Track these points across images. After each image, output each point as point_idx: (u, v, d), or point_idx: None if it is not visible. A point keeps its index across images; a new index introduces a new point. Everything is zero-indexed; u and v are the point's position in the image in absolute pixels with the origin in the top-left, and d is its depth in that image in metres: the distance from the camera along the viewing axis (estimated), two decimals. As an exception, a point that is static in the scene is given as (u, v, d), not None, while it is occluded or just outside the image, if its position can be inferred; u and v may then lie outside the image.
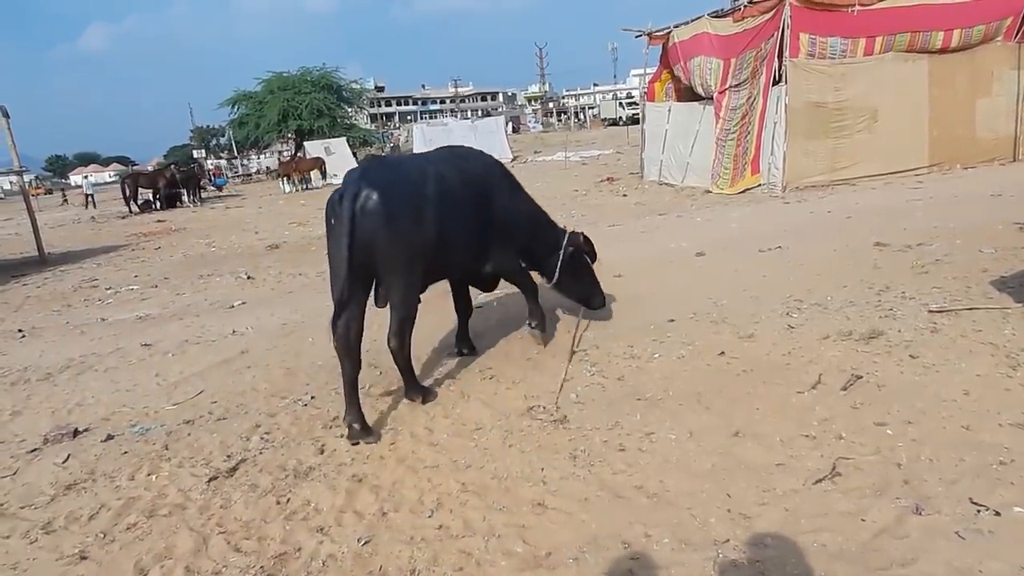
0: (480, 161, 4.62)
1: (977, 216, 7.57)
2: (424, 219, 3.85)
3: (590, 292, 5.11)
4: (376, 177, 3.80)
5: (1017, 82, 12.26)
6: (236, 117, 41.08)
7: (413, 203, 3.83)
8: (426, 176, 3.97)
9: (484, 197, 4.38)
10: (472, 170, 4.41)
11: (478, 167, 4.52)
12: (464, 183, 4.22)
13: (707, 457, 3.23)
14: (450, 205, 4.00)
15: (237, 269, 10.08)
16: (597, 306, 5.14)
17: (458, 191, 4.12)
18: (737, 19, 12.45)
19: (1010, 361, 3.80)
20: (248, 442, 3.91)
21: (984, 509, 2.61)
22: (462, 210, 4.14)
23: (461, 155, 4.56)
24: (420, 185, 3.92)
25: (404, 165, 4.16)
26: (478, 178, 4.41)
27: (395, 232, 3.72)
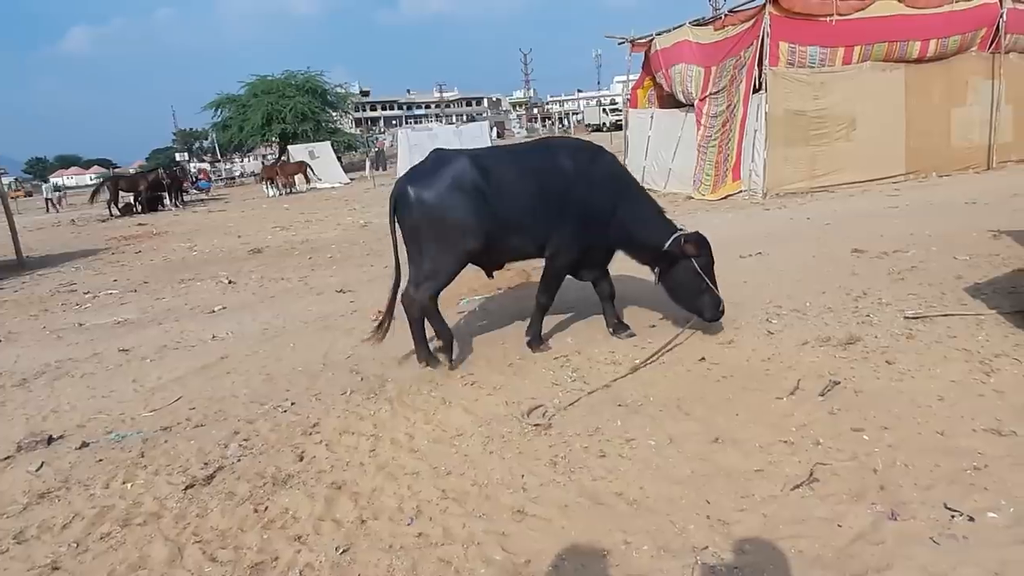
0: (568, 154, 4.77)
1: (952, 223, 7.70)
2: (455, 206, 4.42)
3: (697, 301, 4.74)
4: (417, 171, 4.65)
5: (991, 91, 12.50)
6: (219, 120, 40.85)
7: (444, 192, 4.43)
8: (466, 170, 4.48)
9: (554, 188, 4.59)
10: (547, 163, 4.70)
11: (560, 160, 4.69)
12: (526, 174, 4.62)
13: (687, 463, 3.24)
14: (496, 194, 4.49)
15: (218, 273, 9.98)
16: (708, 318, 4.75)
17: (512, 182, 4.56)
18: (718, 27, 12.58)
19: (984, 367, 3.86)
20: (226, 449, 3.86)
21: (958, 515, 2.64)
22: (513, 199, 4.54)
23: (549, 147, 5.01)
24: (456, 177, 4.46)
25: (449, 160, 4.60)
26: (552, 170, 4.64)
27: (419, 217, 4.49)
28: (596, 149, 4.96)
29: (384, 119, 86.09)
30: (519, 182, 4.58)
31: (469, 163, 4.53)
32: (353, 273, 9.10)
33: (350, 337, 5.91)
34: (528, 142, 5.22)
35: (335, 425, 4.05)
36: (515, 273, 7.47)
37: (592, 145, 5.08)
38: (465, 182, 4.46)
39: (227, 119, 39.95)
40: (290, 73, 39.14)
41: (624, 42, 15.52)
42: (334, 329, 6.22)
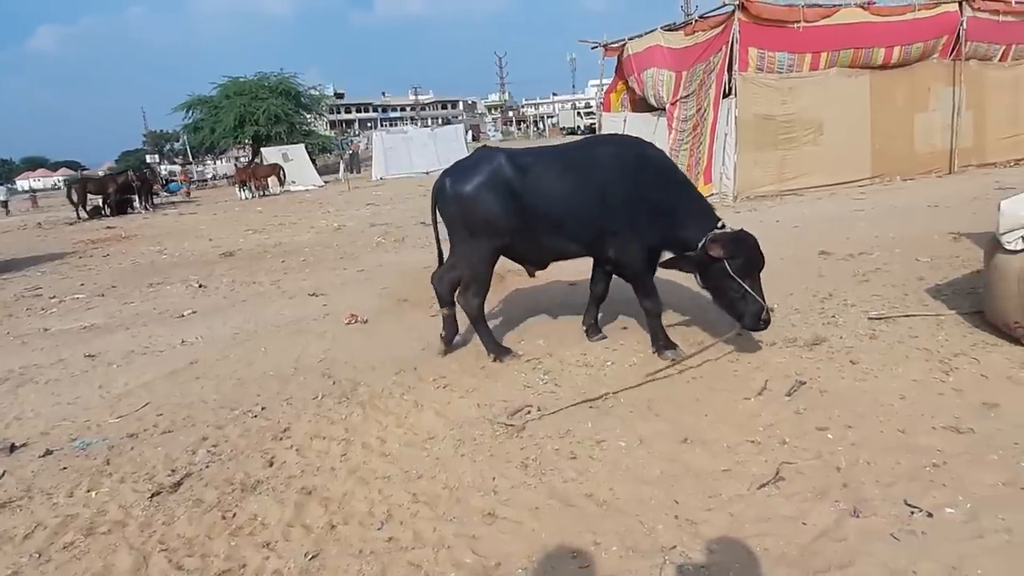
0: (607, 151, 4.70)
1: (915, 226, 7.89)
2: (484, 202, 4.50)
3: (734, 308, 4.29)
4: (457, 165, 4.81)
5: (952, 98, 12.81)
6: (191, 122, 40.24)
7: (472, 189, 4.52)
8: (501, 166, 4.53)
9: (596, 185, 4.48)
10: (586, 160, 4.61)
11: (602, 157, 4.61)
12: (563, 172, 4.55)
13: (656, 464, 3.28)
14: (531, 192, 4.49)
15: (189, 277, 9.84)
16: (748, 325, 4.25)
17: (549, 180, 4.52)
18: (688, 33, 12.73)
19: (943, 366, 3.97)
20: (194, 456, 3.81)
21: (918, 511, 2.71)
22: (548, 197, 4.50)
23: (590, 143, 4.99)
24: (490, 174, 4.52)
25: (487, 157, 4.68)
26: (593, 167, 4.55)
27: (454, 210, 4.62)
28: (637, 144, 4.84)
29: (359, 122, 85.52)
30: (556, 180, 4.53)
31: (505, 160, 4.57)
32: (326, 277, 9.03)
33: (322, 341, 5.87)
34: (575, 140, 5.16)
35: (306, 430, 4.02)
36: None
37: (634, 140, 4.98)
38: (498, 179, 4.51)
39: (198, 121, 39.38)
40: (263, 74, 38.73)
41: (597, 46, 15.65)
42: (306, 333, 6.17)
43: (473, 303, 4.83)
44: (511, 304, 6.40)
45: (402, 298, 7.15)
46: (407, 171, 28.87)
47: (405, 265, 9.14)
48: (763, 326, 4.23)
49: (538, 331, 5.46)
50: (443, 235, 4.92)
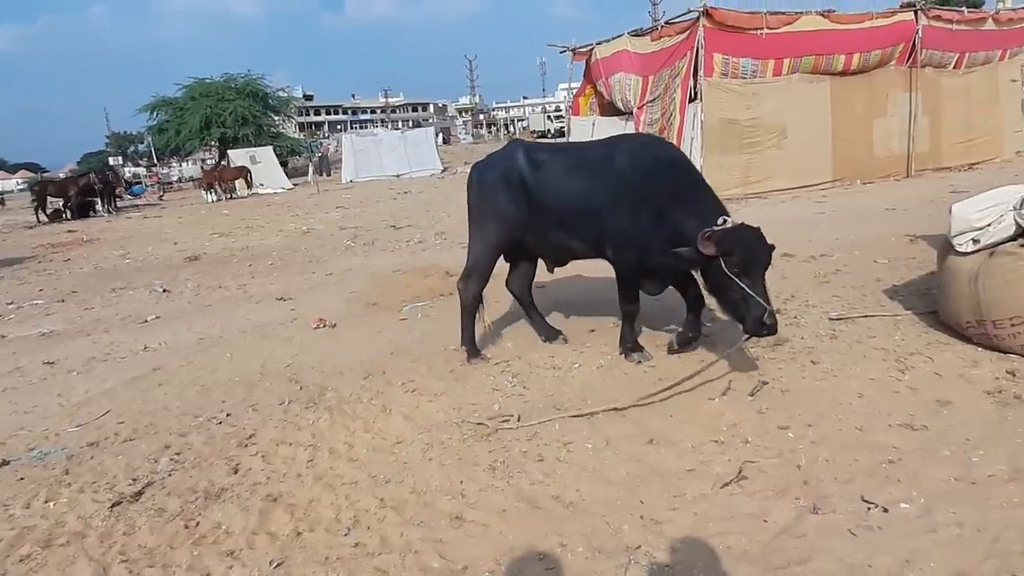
0: (621, 148, 4.54)
1: (874, 229, 8.10)
2: (498, 194, 4.65)
3: (734, 310, 3.94)
4: (488, 157, 4.99)
5: (909, 104, 13.18)
6: (156, 124, 39.44)
7: (491, 181, 4.72)
8: (517, 161, 4.62)
9: (598, 184, 4.41)
10: (594, 158, 4.55)
11: (608, 157, 4.48)
12: (573, 170, 4.53)
13: (622, 465, 3.31)
14: (545, 187, 4.52)
15: (152, 282, 9.66)
16: (749, 330, 3.89)
17: (558, 177, 4.53)
18: (655, 38, 12.91)
19: (899, 365, 4.08)
20: (156, 464, 3.75)
21: (874, 506, 2.78)
22: (565, 193, 4.50)
23: (607, 142, 4.81)
24: (505, 169, 4.66)
25: (509, 151, 4.81)
26: (597, 165, 4.47)
27: (474, 200, 4.87)
28: (649, 144, 4.78)
29: (328, 124, 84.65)
30: (565, 177, 4.52)
31: (523, 155, 4.64)
32: (294, 280, 8.94)
33: (290, 346, 5.82)
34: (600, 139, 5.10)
35: (272, 436, 3.98)
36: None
37: (648, 140, 4.96)
38: (512, 174, 4.61)
39: (163, 122, 38.61)
40: (229, 76, 38.12)
41: (565, 51, 15.76)
42: (273, 338, 6.11)
43: (470, 292, 4.90)
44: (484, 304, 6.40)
45: (371, 302, 7.12)
46: (377, 174, 28.67)
47: (375, 269, 9.10)
48: (766, 331, 3.82)
49: (507, 334, 5.48)
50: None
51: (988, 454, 3.06)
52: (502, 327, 5.67)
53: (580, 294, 6.30)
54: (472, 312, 4.96)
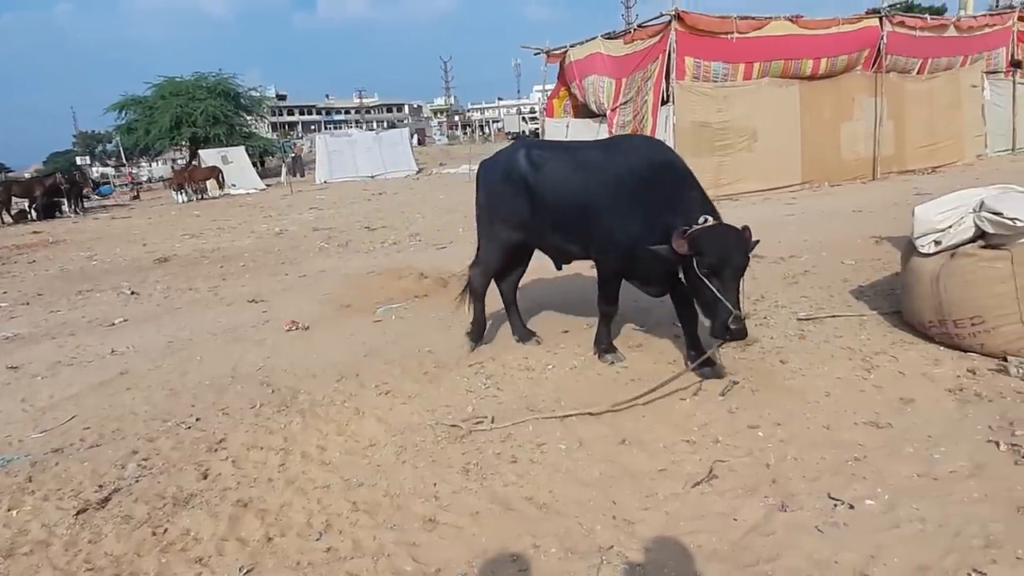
0: (612, 149, 4.59)
1: (841, 230, 8.26)
2: (505, 192, 4.72)
3: (708, 311, 3.82)
4: (490, 157, 5.08)
5: (874, 108, 13.47)
6: (124, 123, 38.68)
7: (499, 179, 4.80)
8: (518, 160, 4.67)
9: (599, 185, 4.36)
10: (586, 159, 4.54)
11: (612, 157, 4.44)
12: (567, 170, 4.52)
13: (595, 465, 3.33)
14: (542, 187, 4.55)
15: (120, 284, 9.47)
16: (713, 334, 3.78)
17: (561, 177, 4.52)
18: (628, 41, 13.04)
19: (865, 364, 4.17)
20: (123, 470, 3.68)
21: (840, 503, 2.84)
22: (562, 193, 4.49)
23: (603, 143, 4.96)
24: (507, 167, 4.73)
25: (513, 149, 4.90)
26: (588, 167, 4.45)
27: (480, 198, 5.02)
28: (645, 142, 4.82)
29: (302, 124, 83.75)
30: (561, 177, 4.52)
31: (524, 154, 4.68)
32: (266, 282, 8.84)
33: (261, 348, 5.75)
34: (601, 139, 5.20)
35: (243, 440, 3.93)
36: (432, 281, 7.48)
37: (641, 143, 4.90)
38: (514, 173, 4.66)
39: (132, 121, 37.87)
40: (200, 75, 37.53)
41: (539, 53, 15.82)
42: (244, 341, 6.03)
43: (476, 281, 5.09)
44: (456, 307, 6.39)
45: (345, 304, 7.07)
46: (352, 175, 28.46)
47: (349, 270, 9.04)
48: (729, 336, 3.68)
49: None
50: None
51: (949, 451, 3.14)
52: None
53: (554, 295, 6.33)
54: (478, 298, 5.12)
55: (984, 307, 3.96)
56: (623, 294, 4.66)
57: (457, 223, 12.80)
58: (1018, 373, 3.77)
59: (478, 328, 5.20)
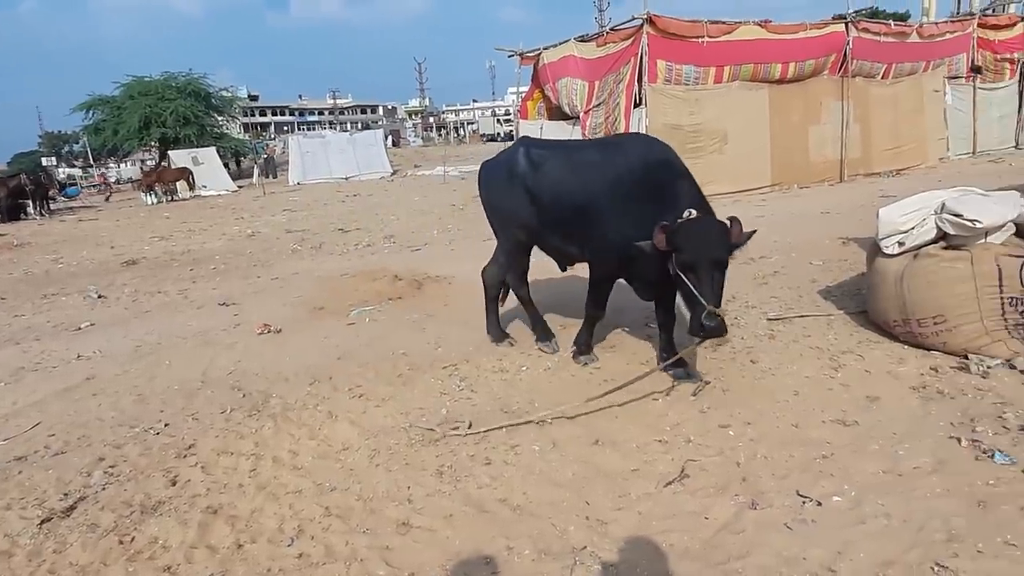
0: (608, 149, 4.57)
1: (809, 231, 8.41)
2: (504, 193, 4.75)
3: (686, 307, 3.69)
4: (492, 157, 5.11)
5: (841, 111, 13.73)
6: (92, 123, 37.84)
7: (498, 180, 4.85)
8: (518, 160, 4.66)
9: (582, 185, 4.32)
10: (582, 159, 4.49)
11: (611, 156, 4.35)
12: (576, 169, 4.42)
13: (569, 466, 3.35)
14: (541, 187, 4.52)
15: (87, 287, 9.26)
16: (690, 331, 3.66)
17: (558, 177, 4.47)
18: (600, 44, 13.13)
19: (832, 363, 4.25)
20: (89, 478, 3.60)
21: (808, 500, 2.90)
22: (556, 193, 4.46)
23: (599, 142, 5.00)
24: (509, 167, 4.72)
25: (514, 148, 4.89)
26: (583, 167, 4.39)
27: (482, 198, 5.11)
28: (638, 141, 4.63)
29: (275, 125, 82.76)
30: (556, 177, 4.48)
31: (523, 153, 4.68)
32: (238, 285, 8.72)
33: (232, 352, 5.67)
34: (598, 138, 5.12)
35: (213, 445, 3.87)
36: (407, 283, 7.45)
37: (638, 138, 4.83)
38: (514, 174, 4.66)
39: (100, 122, 37.03)
40: (170, 74, 36.84)
41: (513, 55, 15.85)
42: (215, 344, 5.94)
43: (488, 276, 5.15)
44: (431, 309, 6.38)
45: (318, 306, 7.00)
46: (325, 176, 28.18)
47: (322, 272, 8.96)
48: (704, 334, 3.53)
49: (456, 337, 5.47)
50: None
51: (913, 447, 3.22)
52: (450, 332, 5.66)
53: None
54: (492, 296, 5.18)
55: (946, 306, 4.06)
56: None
57: (432, 225, 12.77)
58: (978, 371, 3.88)
59: (494, 327, 5.24)
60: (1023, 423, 3.29)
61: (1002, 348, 3.98)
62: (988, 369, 3.89)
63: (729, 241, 3.62)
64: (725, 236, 3.62)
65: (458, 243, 10.66)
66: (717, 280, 3.58)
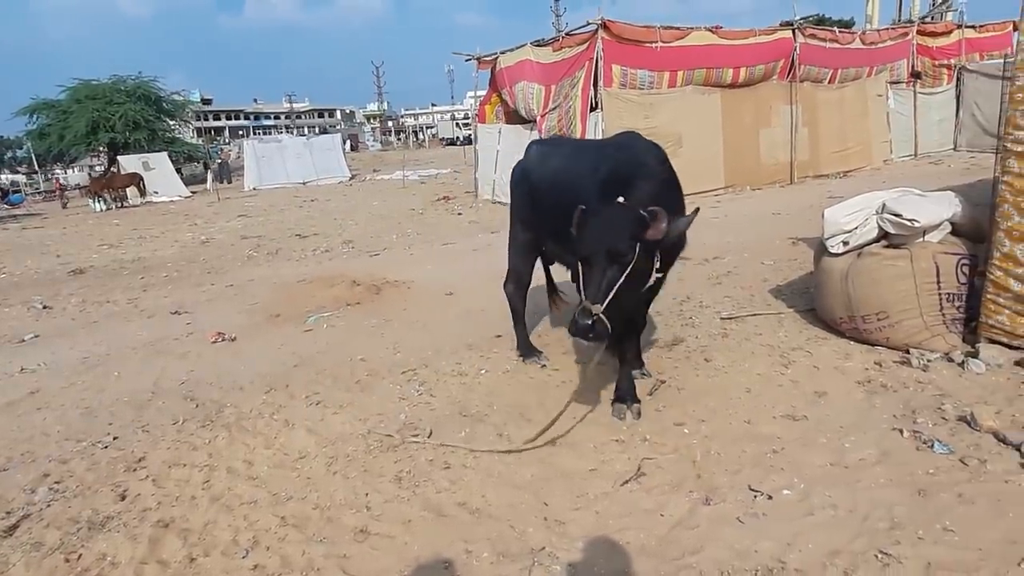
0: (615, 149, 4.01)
1: (761, 232, 8.62)
2: (517, 192, 4.67)
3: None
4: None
5: (790, 115, 14.11)
6: (36, 128, 36.52)
7: (513, 179, 4.76)
8: (527, 160, 4.65)
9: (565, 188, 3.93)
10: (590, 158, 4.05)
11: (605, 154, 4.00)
12: (570, 167, 4.22)
13: (528, 468, 3.37)
14: (543, 187, 4.38)
15: (31, 298, 8.92)
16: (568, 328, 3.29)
17: (551, 177, 4.32)
18: (556, 48, 13.23)
19: (783, 360, 4.37)
20: (33, 495, 3.48)
21: (760, 494, 2.97)
22: (554, 193, 4.19)
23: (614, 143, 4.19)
24: (521, 169, 4.67)
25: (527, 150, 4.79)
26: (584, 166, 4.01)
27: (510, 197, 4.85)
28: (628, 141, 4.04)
29: (229, 129, 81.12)
30: (550, 178, 4.32)
31: (532, 151, 4.68)
32: (191, 293, 8.52)
33: (185, 362, 5.54)
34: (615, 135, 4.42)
35: (164, 458, 3.78)
36: (365, 288, 7.39)
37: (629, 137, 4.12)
38: (523, 175, 4.62)
39: (44, 126, 35.80)
40: (118, 78, 35.79)
41: (470, 59, 15.85)
42: (166, 354, 5.79)
43: (509, 292, 4.87)
44: (389, 314, 6.34)
45: (274, 313, 6.89)
46: (282, 181, 27.72)
47: (278, 278, 8.81)
48: (570, 329, 3.16)
49: (415, 342, 5.45)
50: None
51: (858, 440, 3.34)
52: (409, 336, 5.63)
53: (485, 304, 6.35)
54: (514, 307, 4.85)
55: (888, 303, 4.22)
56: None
57: (391, 229, 12.67)
58: (919, 364, 4.04)
59: (522, 341, 4.88)
60: (960, 414, 3.43)
61: (941, 342, 4.15)
62: (928, 363, 4.04)
63: (635, 234, 3.10)
64: (627, 228, 3.12)
65: (417, 247, 10.60)
66: (608, 276, 3.11)
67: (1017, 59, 3.81)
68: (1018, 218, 3.81)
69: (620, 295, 3.14)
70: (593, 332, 3.07)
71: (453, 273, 7.90)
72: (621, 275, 3.11)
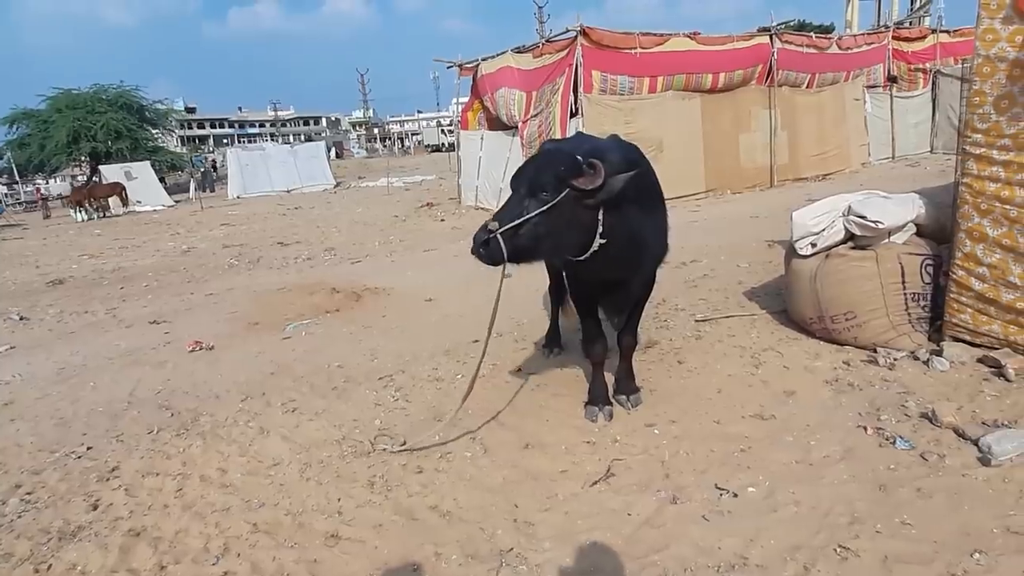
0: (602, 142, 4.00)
1: (738, 235, 8.70)
2: None
3: None
4: None
5: (769, 120, 14.30)
6: (16, 138, 36.19)
7: None
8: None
9: None
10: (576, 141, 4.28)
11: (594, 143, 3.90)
12: None
13: (499, 471, 3.41)
14: None
15: (8, 309, 8.85)
16: None
17: None
18: (536, 55, 13.33)
19: (754, 361, 4.43)
20: (4, 506, 3.46)
21: (726, 492, 3.03)
22: None
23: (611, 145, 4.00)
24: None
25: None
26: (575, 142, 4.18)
27: None
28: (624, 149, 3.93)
29: (213, 138, 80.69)
30: None
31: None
32: (170, 302, 8.49)
33: (161, 371, 5.53)
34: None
35: (137, 467, 3.78)
36: (344, 296, 7.40)
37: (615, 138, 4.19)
38: None
39: (25, 136, 35.50)
40: (100, 86, 35.58)
41: (452, 66, 15.93)
42: (143, 364, 5.77)
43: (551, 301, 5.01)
44: (368, 321, 6.36)
45: (253, 321, 6.89)
46: (266, 189, 27.68)
47: (258, 287, 8.81)
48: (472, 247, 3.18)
49: (393, 348, 5.47)
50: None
51: (824, 437, 3.40)
52: (387, 343, 5.65)
53: (464, 309, 6.38)
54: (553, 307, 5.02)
55: (855, 303, 4.30)
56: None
57: (374, 236, 12.69)
58: (885, 363, 4.11)
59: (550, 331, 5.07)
60: (923, 411, 3.50)
61: (906, 341, 4.23)
62: (894, 361, 4.12)
63: (563, 176, 3.08)
64: (556, 166, 3.13)
65: (399, 255, 10.63)
66: (524, 205, 3.12)
67: (974, 64, 3.92)
68: (978, 219, 3.90)
69: (540, 237, 3.12)
70: (485, 248, 3.09)
71: (433, 279, 7.92)
72: (536, 210, 3.08)
